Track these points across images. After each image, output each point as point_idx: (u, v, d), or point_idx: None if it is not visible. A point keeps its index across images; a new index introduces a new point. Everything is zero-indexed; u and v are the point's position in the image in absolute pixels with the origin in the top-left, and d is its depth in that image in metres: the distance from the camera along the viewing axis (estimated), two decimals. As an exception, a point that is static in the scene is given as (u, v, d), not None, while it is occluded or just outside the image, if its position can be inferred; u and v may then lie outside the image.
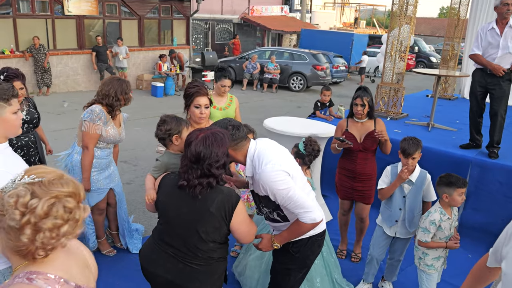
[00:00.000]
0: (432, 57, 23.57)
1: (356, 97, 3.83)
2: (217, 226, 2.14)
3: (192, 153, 2.09)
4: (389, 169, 3.54)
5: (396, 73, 6.54)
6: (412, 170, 3.37)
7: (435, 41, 33.62)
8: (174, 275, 2.18)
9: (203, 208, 2.12)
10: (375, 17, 39.15)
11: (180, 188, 2.13)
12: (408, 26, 6.34)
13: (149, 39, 14.93)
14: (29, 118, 4.41)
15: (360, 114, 3.85)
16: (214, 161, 2.08)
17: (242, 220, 2.20)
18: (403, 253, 3.64)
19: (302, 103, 12.96)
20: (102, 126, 3.62)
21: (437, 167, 4.52)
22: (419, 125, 6.12)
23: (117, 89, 3.60)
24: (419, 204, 3.44)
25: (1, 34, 11.36)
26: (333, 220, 5.07)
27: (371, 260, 3.69)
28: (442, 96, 8.52)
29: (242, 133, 2.33)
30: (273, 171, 2.22)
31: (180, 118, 2.76)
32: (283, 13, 25.37)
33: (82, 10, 12.80)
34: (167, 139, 2.67)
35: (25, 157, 4.47)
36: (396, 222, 3.46)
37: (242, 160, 2.37)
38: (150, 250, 2.29)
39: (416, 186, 3.38)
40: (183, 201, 2.15)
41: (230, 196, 2.16)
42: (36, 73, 11.85)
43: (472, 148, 4.99)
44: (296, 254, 2.54)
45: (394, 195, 3.44)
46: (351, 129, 3.94)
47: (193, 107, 3.13)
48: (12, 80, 4.14)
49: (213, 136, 2.11)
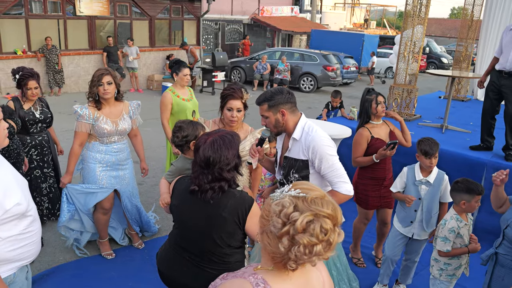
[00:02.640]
0: (444, 58, 23.35)
1: (377, 95, 3.75)
2: (231, 231, 2.10)
3: (201, 158, 2.06)
4: (405, 170, 3.48)
5: (409, 74, 6.48)
6: (430, 171, 3.35)
7: (446, 42, 33.32)
8: (189, 279, 2.17)
9: (215, 214, 2.08)
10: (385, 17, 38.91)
11: (192, 193, 2.11)
12: (421, 26, 6.28)
13: (160, 40, 14.98)
14: (43, 117, 4.44)
15: (384, 112, 3.77)
16: (224, 164, 2.05)
17: (257, 222, 2.16)
18: (419, 255, 3.60)
19: (313, 104, 12.90)
20: (87, 123, 3.68)
21: (452, 169, 4.46)
22: (432, 126, 6.05)
23: (90, 82, 3.68)
24: (436, 205, 3.41)
25: (13, 35, 11.47)
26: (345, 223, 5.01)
27: (386, 260, 3.66)
28: (455, 97, 8.43)
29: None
30: (326, 137, 2.49)
31: (195, 122, 2.74)
32: (293, 14, 25.29)
33: (94, 11, 12.87)
34: (185, 145, 2.65)
35: (39, 156, 4.51)
36: (411, 223, 3.44)
37: (292, 126, 2.56)
38: (166, 253, 2.29)
39: (434, 187, 3.35)
40: (195, 206, 2.13)
41: (243, 199, 2.11)
42: (48, 74, 11.93)
43: (482, 150, 4.90)
44: None
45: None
46: (376, 134, 3.79)
47: (226, 109, 3.13)
48: (27, 79, 4.18)
49: (221, 139, 2.08)
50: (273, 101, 2.51)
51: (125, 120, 3.86)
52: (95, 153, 3.82)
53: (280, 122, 2.55)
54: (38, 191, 4.59)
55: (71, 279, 3.78)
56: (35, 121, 4.36)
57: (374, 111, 3.75)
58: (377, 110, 3.74)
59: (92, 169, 3.82)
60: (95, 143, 3.81)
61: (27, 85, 4.19)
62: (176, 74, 4.66)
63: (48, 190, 4.67)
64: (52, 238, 4.45)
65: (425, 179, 3.35)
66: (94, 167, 3.82)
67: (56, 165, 4.76)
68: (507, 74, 4.63)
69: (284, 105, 2.52)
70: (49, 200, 4.70)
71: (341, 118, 6.29)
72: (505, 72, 4.64)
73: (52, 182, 4.69)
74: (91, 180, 3.84)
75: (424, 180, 3.36)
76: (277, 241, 1.24)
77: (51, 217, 4.74)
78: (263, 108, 2.56)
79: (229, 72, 16.23)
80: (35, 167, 4.51)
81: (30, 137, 4.41)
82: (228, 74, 16.06)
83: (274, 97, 2.52)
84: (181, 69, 4.64)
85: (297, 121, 2.56)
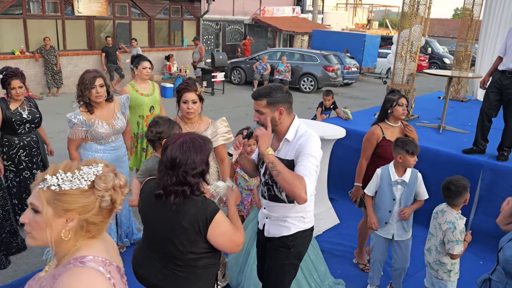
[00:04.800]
0: (446, 59, 23.22)
1: (400, 96, 3.65)
2: (192, 239, 2.01)
3: (168, 158, 1.99)
4: (379, 172, 3.44)
5: (407, 74, 6.39)
6: (404, 171, 3.35)
7: (449, 43, 33.17)
8: (159, 279, 2.12)
9: (175, 221, 2.01)
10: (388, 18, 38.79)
11: (157, 197, 2.03)
12: (419, 26, 6.19)
13: (159, 40, 14.94)
14: (31, 117, 4.37)
15: (405, 115, 3.68)
16: (190, 168, 1.96)
17: (220, 233, 2.04)
18: (407, 259, 3.52)
19: (313, 104, 12.82)
20: (82, 130, 3.62)
21: (448, 170, 4.38)
22: (429, 127, 5.96)
23: (79, 85, 3.60)
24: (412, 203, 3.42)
25: (11, 35, 11.44)
26: (340, 225, 4.95)
27: (374, 263, 3.64)
28: (455, 97, 8.33)
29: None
30: (318, 142, 2.42)
31: (173, 121, 2.68)
32: (294, 14, 25.22)
33: (92, 11, 12.84)
34: (157, 142, 2.59)
35: (28, 157, 4.44)
36: (386, 224, 3.42)
37: (286, 127, 2.46)
38: (139, 252, 2.26)
39: (409, 186, 3.34)
40: (158, 211, 2.07)
41: (205, 209, 2.01)
42: (46, 74, 11.90)
43: (475, 154, 4.77)
44: (291, 249, 2.57)
45: (383, 197, 3.40)
46: (388, 136, 3.70)
47: (182, 102, 3.25)
48: (10, 79, 4.11)
49: (191, 142, 2.00)
50: (273, 98, 2.40)
51: (119, 119, 3.82)
52: (93, 152, 3.76)
53: (276, 121, 2.44)
54: (28, 192, 4.53)
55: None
56: (22, 121, 4.30)
57: (393, 112, 3.66)
58: (396, 110, 3.64)
59: None
60: (92, 144, 3.76)
61: (10, 85, 4.13)
62: (136, 67, 4.67)
63: (37, 191, 4.61)
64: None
65: (401, 179, 3.33)
66: None
67: (45, 165, 4.69)
68: (510, 74, 4.56)
69: (283, 104, 2.43)
70: (39, 201, 4.63)
71: (336, 119, 6.21)
72: (509, 72, 4.57)
73: (41, 183, 4.63)
74: None
75: (400, 180, 3.34)
76: None
77: (41, 219, 4.68)
78: (261, 104, 2.42)
79: (229, 72, 16.17)
80: (23, 168, 4.44)
81: (18, 138, 4.35)
82: (228, 74, 16.00)
83: (274, 93, 2.40)
84: (140, 62, 4.64)
85: (290, 122, 2.49)
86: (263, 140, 2.29)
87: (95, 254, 1.38)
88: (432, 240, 3.17)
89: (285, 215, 2.56)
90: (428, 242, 3.23)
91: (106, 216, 1.43)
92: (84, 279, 1.31)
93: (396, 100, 3.62)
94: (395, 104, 3.63)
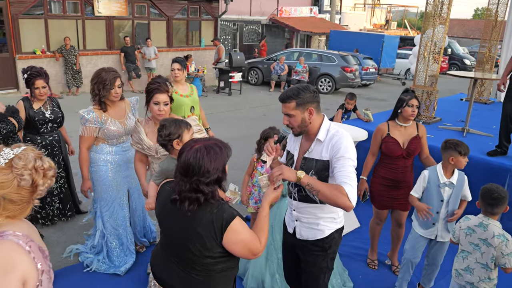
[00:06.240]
0: (466, 60, 22.84)
1: (411, 97, 3.65)
2: (208, 246, 1.96)
3: (181, 165, 1.93)
4: (426, 173, 3.40)
5: (429, 75, 6.27)
6: (452, 173, 3.33)
7: (469, 43, 32.61)
8: (176, 282, 2.09)
9: (190, 228, 1.96)
10: (406, 18, 38.31)
11: (172, 202, 1.99)
12: (442, 26, 6.06)
13: (177, 40, 15.00)
14: (53, 117, 4.41)
15: (414, 116, 3.69)
16: (203, 176, 1.89)
17: (237, 240, 1.96)
18: (442, 258, 3.52)
19: (330, 105, 12.70)
20: (94, 127, 3.58)
21: (473, 175, 4.25)
22: (453, 130, 5.83)
23: (96, 84, 3.53)
24: (458, 205, 3.40)
25: (32, 35, 11.61)
26: (361, 228, 4.87)
27: (406, 263, 3.58)
28: (478, 100, 8.14)
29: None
30: (351, 141, 2.38)
31: (180, 120, 2.64)
32: (312, 14, 25.08)
33: (112, 11, 12.95)
34: (168, 144, 2.55)
35: (49, 156, 4.45)
36: (434, 225, 3.39)
37: (317, 127, 2.43)
38: (158, 254, 2.23)
39: (457, 187, 3.32)
40: (174, 216, 2.03)
41: (220, 216, 1.93)
42: (66, 74, 12.04)
43: (499, 155, 4.71)
44: (328, 250, 2.57)
45: (430, 198, 3.36)
46: (393, 134, 3.75)
47: (152, 103, 3.12)
48: (35, 79, 4.15)
49: (205, 149, 1.92)
50: (302, 98, 2.36)
51: (130, 119, 3.79)
52: (105, 155, 3.72)
53: (306, 121, 2.40)
54: (49, 191, 4.55)
55: (78, 282, 3.73)
56: (45, 121, 4.33)
57: (402, 112, 3.69)
58: (405, 110, 3.66)
59: (104, 171, 3.72)
60: (103, 145, 3.71)
61: (34, 84, 4.16)
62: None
63: (59, 191, 4.64)
64: (62, 239, 4.42)
65: (449, 180, 3.32)
66: (106, 169, 3.73)
67: (67, 165, 4.73)
68: None
69: (311, 103, 2.39)
70: (60, 201, 4.67)
71: (357, 120, 6.12)
72: None
73: (62, 183, 4.66)
74: (103, 183, 3.74)
75: (448, 181, 3.32)
76: None
77: (62, 218, 4.72)
78: (290, 106, 2.38)
79: (246, 72, 16.15)
80: (45, 167, 4.47)
81: (40, 137, 4.39)
82: (245, 74, 15.98)
83: (302, 94, 2.36)
84: (171, 64, 4.66)
85: (321, 122, 2.45)
86: (286, 174, 2.18)
87: (16, 230, 1.48)
88: (470, 258, 2.96)
89: (317, 217, 2.54)
90: (464, 261, 3.01)
91: (27, 196, 1.50)
92: (2, 249, 1.40)
93: (407, 101, 3.63)
94: (405, 104, 3.65)
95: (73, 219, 4.82)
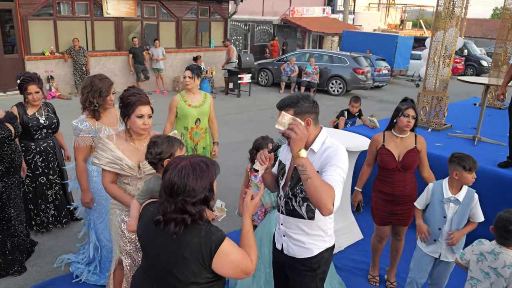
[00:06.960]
0: (483, 61, 22.26)
1: (408, 107, 3.43)
2: (195, 271, 1.83)
3: (166, 184, 1.81)
4: (431, 186, 3.23)
5: (440, 80, 6.03)
6: (460, 188, 3.12)
7: (487, 44, 31.91)
8: None
9: (176, 252, 1.83)
10: (422, 18, 37.70)
11: (156, 224, 1.86)
12: (454, 29, 5.81)
13: (187, 41, 14.91)
14: (48, 123, 4.32)
15: (409, 127, 3.47)
16: (189, 196, 1.77)
17: (228, 262, 1.86)
18: (447, 279, 3.35)
19: (341, 108, 12.39)
20: (88, 137, 3.47)
21: (483, 187, 4.03)
22: (463, 138, 5.57)
23: (90, 93, 3.43)
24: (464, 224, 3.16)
25: (42, 36, 11.63)
26: (364, 240, 4.68)
27: (411, 283, 3.40)
28: (492, 105, 7.81)
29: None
30: (345, 154, 2.28)
31: (173, 138, 2.47)
32: (325, 14, 24.81)
33: (121, 12, 12.92)
34: (158, 163, 2.39)
35: (44, 163, 4.39)
36: (435, 241, 3.20)
37: (312, 138, 2.32)
38: (138, 279, 2.10)
39: (463, 205, 3.09)
40: (158, 240, 1.89)
41: (209, 239, 1.82)
42: (75, 75, 12.05)
43: (510, 167, 4.42)
44: (317, 271, 2.47)
45: (433, 213, 3.18)
46: (388, 145, 3.56)
47: (135, 117, 2.79)
48: (27, 84, 4.06)
49: (191, 167, 1.80)
50: (300, 108, 2.24)
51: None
52: None
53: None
54: (44, 198, 4.47)
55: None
56: (39, 126, 4.24)
57: (397, 122, 3.49)
58: (400, 120, 3.45)
59: (97, 183, 3.56)
60: None
61: (27, 90, 4.08)
62: None
63: (54, 197, 4.55)
64: (55, 247, 4.33)
65: (454, 196, 3.11)
66: (99, 181, 3.56)
67: (62, 171, 4.63)
68: None
69: (310, 114, 2.28)
70: (55, 207, 4.58)
71: (362, 127, 5.91)
72: None
73: (58, 189, 4.57)
74: (97, 194, 3.60)
75: (453, 198, 3.11)
76: None
77: (57, 225, 4.64)
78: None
79: (256, 74, 16.00)
80: (40, 174, 4.39)
81: (34, 143, 4.30)
82: (255, 76, 15.83)
83: (301, 103, 2.24)
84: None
85: (317, 133, 2.35)
86: (297, 142, 2.09)
87: None
88: (480, 287, 2.77)
89: (304, 233, 2.41)
90: None
91: None
92: None
93: (403, 111, 3.43)
94: (400, 114, 3.44)
95: (68, 226, 4.73)
